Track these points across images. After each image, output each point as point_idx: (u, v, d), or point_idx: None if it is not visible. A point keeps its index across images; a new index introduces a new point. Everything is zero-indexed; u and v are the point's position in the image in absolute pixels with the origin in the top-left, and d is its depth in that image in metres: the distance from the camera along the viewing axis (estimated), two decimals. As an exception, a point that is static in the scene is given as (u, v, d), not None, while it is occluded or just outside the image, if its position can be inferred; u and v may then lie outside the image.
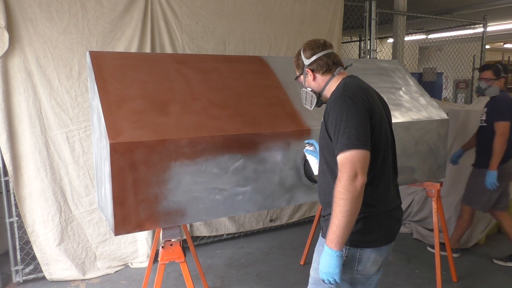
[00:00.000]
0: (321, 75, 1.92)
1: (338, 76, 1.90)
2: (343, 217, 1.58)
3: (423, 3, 6.87)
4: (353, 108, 1.65)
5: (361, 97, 1.70)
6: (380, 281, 3.61)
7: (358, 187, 1.58)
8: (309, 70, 1.93)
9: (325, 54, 1.90)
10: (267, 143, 2.36)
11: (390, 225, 1.80)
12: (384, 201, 1.78)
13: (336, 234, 1.60)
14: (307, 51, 1.93)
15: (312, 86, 1.97)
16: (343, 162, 1.60)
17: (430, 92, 5.21)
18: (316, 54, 1.91)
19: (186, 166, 2.13)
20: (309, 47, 1.93)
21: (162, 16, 3.73)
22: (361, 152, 1.59)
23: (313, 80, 1.94)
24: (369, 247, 1.75)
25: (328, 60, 1.90)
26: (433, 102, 3.33)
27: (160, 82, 2.35)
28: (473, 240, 4.14)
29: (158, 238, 2.90)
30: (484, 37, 6.42)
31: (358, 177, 1.58)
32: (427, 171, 3.15)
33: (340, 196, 1.58)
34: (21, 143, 3.28)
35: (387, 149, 1.79)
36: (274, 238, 4.43)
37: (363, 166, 1.60)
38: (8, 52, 3.15)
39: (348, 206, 1.57)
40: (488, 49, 10.58)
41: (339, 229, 1.59)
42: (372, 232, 1.74)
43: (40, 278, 3.50)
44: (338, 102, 1.70)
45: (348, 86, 1.76)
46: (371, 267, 1.78)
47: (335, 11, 4.75)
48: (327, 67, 1.90)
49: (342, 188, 1.58)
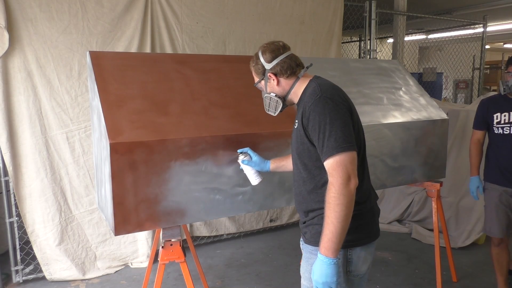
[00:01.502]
0: (285, 79, 1.81)
1: (303, 78, 1.81)
2: (339, 222, 1.52)
3: (423, 3, 6.87)
4: (335, 110, 1.60)
5: (339, 97, 1.66)
6: (380, 281, 3.61)
7: (352, 190, 1.54)
8: (272, 74, 1.81)
9: (287, 56, 1.80)
10: (267, 143, 2.36)
11: (374, 221, 1.79)
12: (368, 197, 1.76)
13: (332, 241, 1.54)
14: (267, 55, 1.81)
15: (276, 91, 1.84)
16: (334, 167, 1.55)
17: (430, 92, 5.22)
18: (278, 57, 1.79)
19: (186, 166, 2.13)
20: (269, 50, 1.81)
21: (162, 16, 3.73)
22: (350, 154, 1.56)
23: (277, 84, 1.83)
24: (359, 245, 1.71)
25: (291, 62, 1.80)
26: (433, 102, 3.33)
27: (160, 82, 2.35)
28: (470, 239, 4.13)
29: (158, 238, 2.90)
30: (484, 37, 6.42)
31: (351, 179, 1.54)
32: (427, 171, 3.15)
33: (335, 202, 1.53)
34: (21, 143, 3.28)
35: (362, 146, 1.76)
36: (274, 238, 4.43)
37: (354, 168, 1.57)
38: (8, 52, 3.15)
39: (345, 211, 1.53)
40: (488, 49, 10.58)
41: (336, 236, 1.53)
42: (361, 230, 1.71)
43: (40, 278, 3.50)
44: (318, 105, 1.62)
45: (324, 87, 1.69)
46: (362, 265, 1.75)
47: (335, 11, 4.75)
48: (291, 70, 1.80)
49: (337, 193, 1.53)
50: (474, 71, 7.18)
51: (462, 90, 8.88)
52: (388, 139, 2.89)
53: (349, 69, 3.21)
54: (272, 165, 2.20)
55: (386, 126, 2.87)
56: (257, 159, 2.19)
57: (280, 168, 2.19)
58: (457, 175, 4.41)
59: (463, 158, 4.42)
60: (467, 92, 8.46)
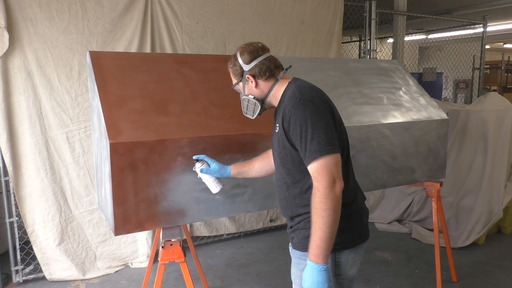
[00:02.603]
0: (263, 81, 1.77)
1: (282, 80, 1.76)
2: (328, 228, 1.48)
3: (423, 3, 6.87)
4: (316, 112, 1.56)
5: (320, 98, 1.62)
6: (380, 281, 3.61)
7: (338, 193, 1.50)
8: (250, 76, 1.77)
9: (265, 58, 1.76)
10: (267, 143, 2.36)
11: (362, 222, 1.74)
12: (355, 198, 1.73)
13: (321, 247, 1.50)
14: (245, 56, 1.77)
15: (255, 93, 1.80)
16: (318, 171, 1.51)
17: (430, 92, 5.21)
18: (256, 58, 1.75)
19: (186, 166, 2.13)
20: (247, 51, 1.77)
21: (162, 16, 3.73)
22: (334, 156, 1.52)
23: (255, 86, 1.78)
24: (347, 248, 1.67)
25: (270, 64, 1.76)
26: (433, 102, 3.33)
27: (160, 82, 2.35)
28: (470, 239, 4.14)
29: (158, 238, 2.90)
30: (484, 37, 6.42)
31: (337, 182, 1.51)
32: (427, 171, 3.15)
33: (322, 207, 1.48)
34: (21, 143, 3.28)
35: (346, 146, 1.72)
36: (274, 238, 4.42)
37: (339, 170, 1.53)
38: (8, 52, 3.15)
39: (332, 215, 1.49)
40: (488, 49, 10.58)
41: (324, 241, 1.49)
42: (349, 232, 1.67)
43: (40, 278, 3.50)
44: (298, 107, 1.57)
45: (304, 89, 1.65)
46: (351, 268, 1.71)
47: (335, 11, 4.75)
48: (270, 72, 1.75)
49: (323, 198, 1.48)
50: (474, 71, 7.18)
51: (462, 90, 8.88)
52: (388, 139, 2.89)
53: (349, 69, 3.21)
54: (233, 171, 2.09)
55: (386, 126, 2.87)
56: (215, 166, 2.06)
57: (242, 174, 2.10)
58: (457, 175, 4.41)
59: (463, 158, 4.43)
60: (467, 92, 8.47)
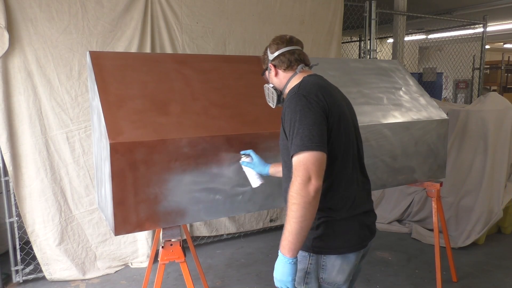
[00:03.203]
0: (283, 72, 1.84)
1: (300, 74, 1.80)
2: (295, 223, 1.47)
3: (423, 3, 6.87)
4: (307, 108, 1.55)
5: (316, 95, 1.60)
6: (380, 281, 3.61)
7: (311, 192, 1.46)
8: (272, 65, 1.86)
9: (289, 50, 1.82)
10: (267, 143, 2.36)
11: (355, 231, 1.68)
12: (347, 205, 1.66)
13: (288, 240, 1.49)
14: (272, 46, 1.87)
15: (274, 82, 1.89)
16: (296, 165, 1.50)
17: (430, 92, 5.21)
18: (280, 49, 1.83)
19: (186, 166, 2.13)
20: (274, 42, 1.87)
21: (162, 16, 3.73)
22: (314, 154, 1.49)
23: (275, 76, 1.86)
24: (333, 253, 1.65)
25: (291, 56, 1.81)
26: (433, 102, 3.33)
27: (160, 82, 2.35)
28: (470, 239, 4.14)
29: (158, 238, 2.90)
30: (484, 37, 6.43)
31: (312, 181, 1.47)
32: (427, 171, 3.15)
33: (292, 200, 1.48)
34: (21, 143, 3.28)
35: (349, 150, 1.67)
36: (274, 238, 4.43)
37: (316, 169, 1.48)
38: (8, 52, 3.15)
39: (301, 211, 1.46)
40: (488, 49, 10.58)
41: (292, 235, 1.48)
42: (335, 237, 1.64)
43: (40, 278, 3.50)
44: (292, 101, 1.60)
45: (304, 84, 1.67)
46: (337, 275, 1.67)
47: (335, 11, 4.75)
48: (288, 63, 1.81)
49: (295, 193, 1.47)
50: (474, 71, 7.18)
51: (462, 90, 8.88)
52: (388, 139, 2.89)
53: (349, 69, 3.21)
54: (271, 169, 2.17)
55: (386, 126, 2.87)
56: (257, 161, 2.18)
57: (278, 173, 2.15)
58: (457, 175, 4.41)
59: (463, 158, 4.43)
60: (467, 92, 8.46)
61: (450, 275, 3.48)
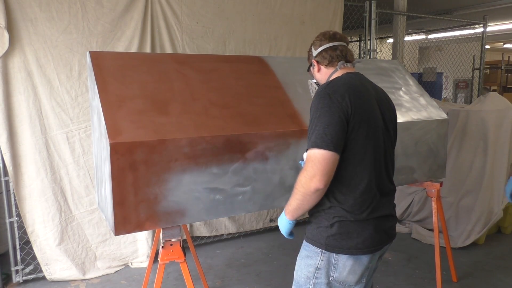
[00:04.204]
0: (325, 67, 1.89)
1: (340, 71, 1.84)
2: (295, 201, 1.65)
3: (423, 3, 6.87)
4: (327, 107, 1.59)
5: (341, 96, 1.61)
6: (380, 281, 3.61)
7: (312, 188, 1.56)
8: (315, 61, 1.91)
9: (331, 46, 1.86)
10: (267, 143, 2.36)
11: (370, 234, 1.67)
12: (362, 208, 1.66)
13: (290, 208, 1.69)
14: (316, 43, 1.92)
15: (317, 78, 1.95)
16: (307, 159, 1.58)
17: (430, 92, 5.22)
18: (322, 45, 1.88)
19: (186, 166, 2.13)
20: (318, 38, 1.91)
21: (162, 16, 3.73)
22: (324, 153, 1.53)
23: (318, 71, 1.92)
24: (345, 253, 1.67)
25: (333, 53, 1.85)
26: (433, 102, 3.33)
27: (160, 82, 2.35)
28: (470, 239, 4.14)
29: (158, 238, 2.90)
30: (484, 37, 6.42)
31: (316, 178, 1.53)
32: (427, 171, 3.15)
33: (297, 185, 1.63)
34: (21, 143, 3.28)
35: (371, 153, 1.66)
36: (274, 238, 4.43)
37: (323, 168, 1.53)
38: (8, 52, 3.15)
39: (301, 198, 1.62)
40: (488, 49, 10.58)
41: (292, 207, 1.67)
42: (348, 238, 1.66)
43: (40, 278, 3.50)
44: (317, 97, 1.65)
45: (333, 82, 1.70)
46: (348, 275, 1.69)
47: (335, 11, 4.75)
48: (330, 59, 1.86)
49: (299, 182, 1.61)
50: (474, 71, 7.18)
51: (462, 90, 8.87)
52: (388, 139, 2.89)
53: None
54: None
55: (386, 126, 2.87)
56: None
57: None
58: (457, 175, 4.41)
59: (463, 158, 4.43)
60: (467, 92, 8.46)
61: (450, 275, 3.48)
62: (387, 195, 1.77)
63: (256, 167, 2.35)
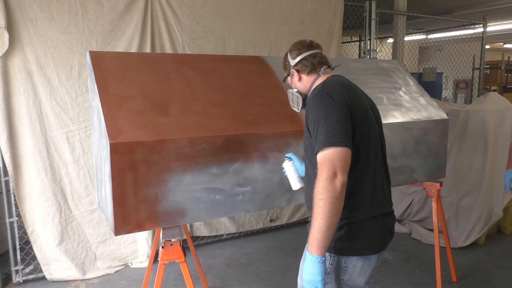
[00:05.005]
0: (306, 75, 1.87)
1: (323, 76, 1.83)
2: (323, 219, 1.47)
3: (423, 3, 6.87)
4: (331, 105, 1.58)
5: (340, 93, 1.63)
6: (380, 281, 3.61)
7: (338, 187, 1.48)
8: (295, 70, 1.89)
9: (310, 54, 1.86)
10: (267, 143, 2.36)
11: (377, 233, 1.69)
12: (369, 205, 1.66)
13: (316, 238, 1.49)
14: (293, 52, 1.89)
15: (298, 87, 1.92)
16: (321, 161, 1.51)
17: (430, 92, 5.21)
18: (301, 54, 1.86)
19: (186, 166, 2.13)
20: (295, 47, 1.90)
21: (162, 16, 3.73)
22: (340, 150, 1.50)
23: (298, 80, 1.90)
24: (355, 255, 1.66)
25: (313, 60, 1.85)
26: (433, 102, 3.33)
27: (160, 82, 2.35)
28: (470, 239, 4.14)
29: (158, 238, 2.90)
30: (484, 37, 6.42)
31: (338, 176, 1.48)
32: (427, 171, 3.15)
33: (319, 196, 1.48)
34: (21, 143, 3.28)
35: (372, 150, 1.68)
36: (274, 238, 4.43)
37: (342, 165, 1.50)
38: (8, 52, 3.15)
39: (328, 207, 1.46)
40: (488, 49, 10.58)
41: (320, 232, 1.48)
42: (357, 239, 1.65)
43: (40, 278, 3.50)
44: (316, 99, 1.64)
45: (328, 83, 1.71)
46: (358, 277, 1.69)
47: (335, 11, 4.75)
48: (312, 67, 1.85)
49: (321, 188, 1.48)
50: (474, 71, 7.18)
51: (462, 90, 8.88)
52: (388, 139, 2.88)
53: (349, 69, 3.21)
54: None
55: (386, 126, 2.86)
56: (298, 162, 2.16)
57: None
58: (457, 175, 4.41)
59: (463, 158, 4.43)
60: (467, 92, 8.46)
61: (450, 275, 3.48)
62: (387, 191, 1.79)
63: (256, 167, 2.35)
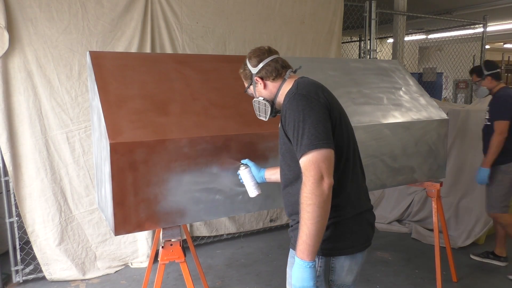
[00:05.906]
0: (271, 82, 1.81)
1: (289, 80, 1.79)
2: (312, 224, 1.45)
3: (423, 3, 6.87)
4: (309, 107, 1.54)
5: (316, 94, 1.59)
6: (380, 281, 3.61)
7: (325, 190, 1.46)
8: (258, 78, 1.82)
9: (272, 59, 1.81)
10: (267, 143, 2.36)
11: (362, 230, 1.69)
12: (353, 203, 1.66)
13: (306, 243, 1.47)
14: (253, 59, 1.83)
15: (264, 94, 1.84)
16: (306, 166, 1.48)
17: (430, 92, 5.21)
18: (263, 60, 1.81)
19: (186, 166, 2.13)
20: (254, 54, 1.84)
21: (162, 16, 3.73)
22: (323, 152, 1.48)
23: (264, 88, 1.83)
24: (342, 254, 1.65)
25: (276, 64, 1.80)
26: (433, 102, 3.33)
27: (160, 82, 2.35)
28: (470, 239, 4.13)
29: (158, 238, 2.90)
30: (484, 37, 6.42)
31: (324, 179, 1.46)
32: (427, 171, 3.15)
33: (307, 202, 1.46)
34: (21, 143, 3.28)
35: (351, 147, 1.68)
36: (274, 238, 4.42)
37: (328, 167, 1.48)
38: (8, 52, 3.15)
39: (317, 211, 1.45)
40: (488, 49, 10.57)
41: (310, 237, 1.46)
42: (344, 238, 1.64)
43: (40, 278, 3.50)
44: (293, 102, 1.58)
45: (301, 85, 1.65)
46: (346, 276, 1.68)
47: (335, 11, 4.75)
48: (276, 72, 1.80)
49: (309, 193, 1.45)
50: (474, 71, 7.17)
51: (462, 90, 8.87)
52: (388, 139, 2.89)
53: (349, 69, 3.21)
54: (266, 173, 2.17)
55: (386, 126, 2.87)
56: (254, 169, 2.18)
57: (274, 174, 2.13)
58: (457, 175, 4.41)
59: (463, 158, 4.43)
60: (467, 92, 8.45)
61: (450, 275, 3.48)
62: (366, 189, 1.80)
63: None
